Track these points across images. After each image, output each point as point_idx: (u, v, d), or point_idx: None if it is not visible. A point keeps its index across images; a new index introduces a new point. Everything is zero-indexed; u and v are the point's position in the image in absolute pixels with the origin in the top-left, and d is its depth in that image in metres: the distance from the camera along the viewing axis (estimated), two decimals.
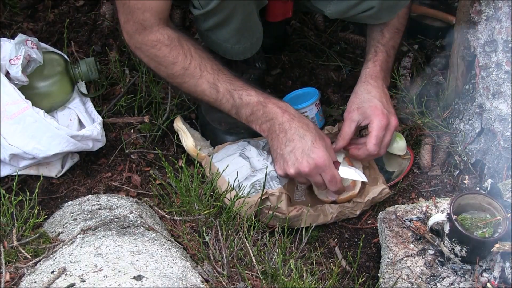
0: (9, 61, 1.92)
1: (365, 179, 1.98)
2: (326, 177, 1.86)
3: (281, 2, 2.09)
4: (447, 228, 1.64)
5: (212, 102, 1.90)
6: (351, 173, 1.96)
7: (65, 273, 1.47)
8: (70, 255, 1.54)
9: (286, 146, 1.86)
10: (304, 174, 1.86)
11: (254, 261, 1.68)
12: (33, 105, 1.89)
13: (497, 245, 1.58)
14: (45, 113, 1.91)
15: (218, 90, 1.86)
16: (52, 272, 1.48)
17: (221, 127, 2.17)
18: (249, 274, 1.66)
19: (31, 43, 1.99)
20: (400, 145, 2.21)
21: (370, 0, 1.96)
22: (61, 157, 1.98)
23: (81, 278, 1.44)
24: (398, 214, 1.83)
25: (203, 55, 1.87)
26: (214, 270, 1.65)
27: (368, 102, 1.98)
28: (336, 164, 1.87)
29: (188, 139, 2.10)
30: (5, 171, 1.92)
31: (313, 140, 1.84)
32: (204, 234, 1.77)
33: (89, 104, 2.13)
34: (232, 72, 1.90)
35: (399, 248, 1.73)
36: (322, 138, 1.88)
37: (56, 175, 1.98)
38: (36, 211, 1.70)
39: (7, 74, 1.93)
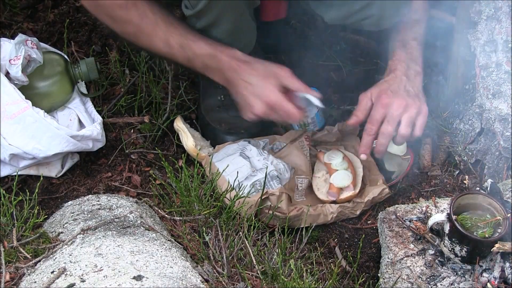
0: (9, 61, 1.92)
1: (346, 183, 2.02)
2: (281, 114, 1.87)
3: (274, 2, 2.08)
4: (447, 228, 1.64)
5: (167, 57, 1.95)
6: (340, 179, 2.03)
7: (65, 273, 1.47)
8: (70, 255, 1.54)
9: (240, 93, 1.90)
10: (262, 116, 1.89)
11: (254, 261, 1.68)
12: (33, 105, 1.89)
13: (497, 245, 1.58)
14: (45, 113, 1.91)
15: (170, 45, 1.87)
16: (52, 272, 1.48)
17: (221, 127, 2.17)
18: (249, 274, 1.66)
19: (31, 43, 1.99)
20: (400, 145, 2.21)
21: (370, 8, 1.97)
22: (61, 157, 1.97)
23: (81, 278, 1.44)
24: (398, 214, 1.83)
25: (157, 13, 1.88)
26: (214, 270, 1.65)
27: (380, 86, 2.01)
28: (290, 94, 1.87)
29: (188, 139, 2.10)
30: (5, 171, 1.92)
31: (259, 81, 1.86)
32: (204, 234, 1.77)
33: (89, 104, 2.13)
34: (184, 25, 1.91)
35: (399, 248, 1.73)
36: (270, 75, 1.88)
37: (56, 175, 1.98)
38: (36, 211, 1.70)
39: (7, 74, 1.93)
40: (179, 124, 2.14)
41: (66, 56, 2.16)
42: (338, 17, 2.06)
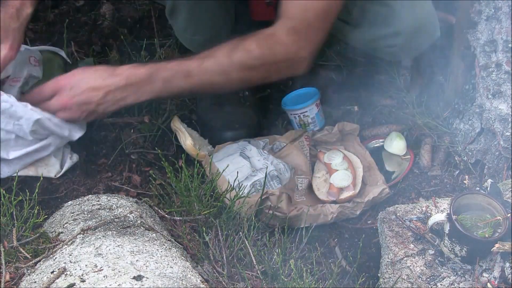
0: (7, 78, 1.87)
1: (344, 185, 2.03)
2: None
3: (263, 4, 2.08)
4: (447, 228, 1.64)
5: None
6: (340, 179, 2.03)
7: (65, 273, 1.47)
8: (70, 255, 1.54)
9: None
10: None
11: (254, 261, 1.68)
12: None
13: (497, 245, 1.58)
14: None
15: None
16: (52, 272, 1.48)
17: (216, 124, 2.17)
18: (249, 274, 1.66)
19: (34, 60, 1.97)
20: (400, 145, 2.21)
21: (398, 37, 1.98)
22: (60, 158, 1.97)
23: (81, 278, 1.44)
24: (398, 214, 1.83)
25: None
26: (214, 270, 1.65)
27: None
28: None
29: (186, 138, 2.10)
30: (5, 171, 1.91)
31: None
32: (204, 234, 1.77)
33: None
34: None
35: (399, 248, 1.73)
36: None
37: (55, 176, 1.98)
38: (36, 211, 1.70)
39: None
40: (176, 124, 2.14)
41: (65, 55, 2.15)
42: (362, 39, 2.07)
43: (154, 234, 1.67)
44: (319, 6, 1.73)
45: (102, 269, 1.47)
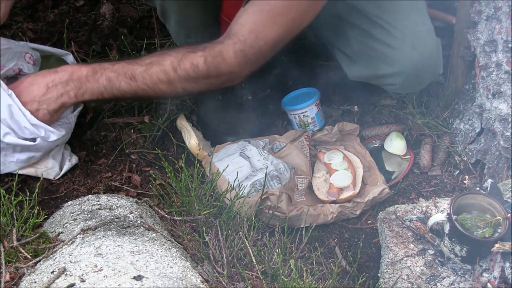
0: None
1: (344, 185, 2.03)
2: None
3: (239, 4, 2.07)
4: (447, 228, 1.64)
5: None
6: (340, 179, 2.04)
7: (65, 273, 1.47)
8: (70, 255, 1.54)
9: None
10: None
11: (254, 261, 1.68)
12: None
13: (497, 245, 1.58)
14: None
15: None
16: (52, 272, 1.48)
17: (220, 128, 2.17)
18: (249, 274, 1.66)
19: (30, 58, 1.96)
20: (400, 145, 2.21)
21: (395, 77, 1.97)
22: (59, 160, 1.96)
23: (81, 278, 1.44)
24: (398, 214, 1.83)
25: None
26: (214, 270, 1.65)
27: None
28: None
29: (191, 137, 2.10)
30: (5, 168, 1.90)
31: None
32: (204, 234, 1.77)
33: None
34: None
35: (399, 248, 1.73)
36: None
37: (54, 178, 1.98)
38: (36, 211, 1.70)
39: None
40: (182, 122, 2.14)
41: (73, 60, 2.12)
42: (360, 76, 2.07)
43: (154, 234, 1.67)
44: (272, 35, 1.73)
45: (102, 269, 1.47)
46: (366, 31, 1.95)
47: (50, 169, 1.95)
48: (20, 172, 1.91)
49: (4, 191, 1.74)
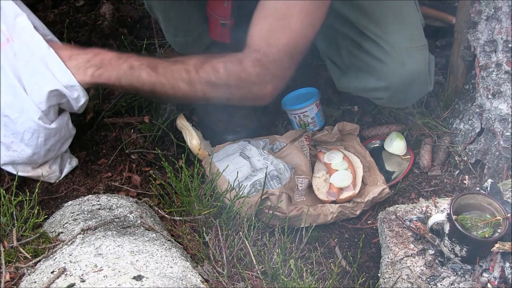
0: None
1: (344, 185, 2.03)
2: None
3: (218, 24, 2.06)
4: (447, 228, 1.64)
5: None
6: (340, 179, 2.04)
7: (65, 273, 1.47)
8: (70, 255, 1.54)
9: None
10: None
11: (254, 261, 1.68)
12: None
13: (497, 245, 1.58)
14: None
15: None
16: (52, 272, 1.48)
17: (218, 127, 2.17)
18: (249, 274, 1.66)
19: None
20: (400, 145, 2.21)
21: (383, 92, 1.97)
22: (58, 163, 1.96)
23: (81, 278, 1.44)
24: (398, 214, 1.83)
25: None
26: (214, 270, 1.65)
27: None
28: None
29: (192, 137, 2.10)
30: (7, 167, 1.90)
31: None
32: (204, 234, 1.77)
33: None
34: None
35: (399, 248, 1.73)
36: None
37: (55, 181, 1.98)
38: (36, 211, 1.70)
39: None
40: (183, 122, 2.14)
41: None
42: (349, 87, 2.07)
43: (154, 234, 1.67)
44: (282, 42, 1.71)
45: (102, 269, 1.47)
46: (357, 42, 1.95)
47: (51, 175, 1.95)
48: (21, 174, 1.91)
49: (4, 191, 1.74)
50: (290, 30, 1.71)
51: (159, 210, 1.86)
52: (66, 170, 1.98)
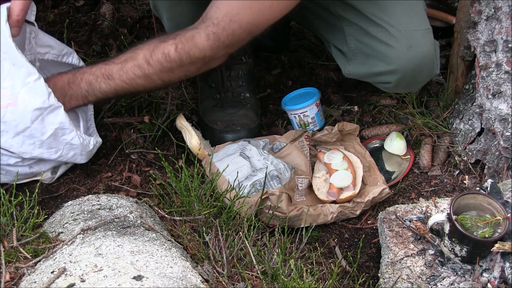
0: None
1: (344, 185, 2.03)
2: None
3: None
4: (447, 228, 1.64)
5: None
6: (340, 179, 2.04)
7: (65, 273, 1.47)
8: (70, 255, 1.54)
9: None
10: None
11: (254, 261, 1.68)
12: None
13: (497, 245, 1.58)
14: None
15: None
16: (52, 272, 1.48)
17: (217, 126, 2.17)
18: (249, 274, 1.66)
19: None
20: (400, 145, 2.21)
21: (390, 76, 1.97)
22: (50, 167, 1.95)
23: (81, 278, 1.44)
24: (398, 214, 1.83)
25: None
26: (214, 270, 1.65)
27: None
28: None
29: (192, 137, 2.10)
30: (4, 178, 1.89)
31: None
32: (204, 234, 1.77)
33: (90, 113, 2.08)
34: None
35: (399, 248, 1.73)
36: None
37: (49, 182, 1.97)
38: (36, 211, 1.70)
39: None
40: (183, 122, 2.14)
41: (76, 60, 2.10)
42: (356, 73, 2.07)
43: (154, 234, 1.67)
44: (247, 19, 1.72)
45: (102, 269, 1.47)
46: (363, 28, 1.96)
47: (45, 177, 1.94)
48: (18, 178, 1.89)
49: (4, 191, 1.74)
50: (258, 12, 1.72)
51: (159, 210, 1.86)
52: (60, 171, 1.98)
